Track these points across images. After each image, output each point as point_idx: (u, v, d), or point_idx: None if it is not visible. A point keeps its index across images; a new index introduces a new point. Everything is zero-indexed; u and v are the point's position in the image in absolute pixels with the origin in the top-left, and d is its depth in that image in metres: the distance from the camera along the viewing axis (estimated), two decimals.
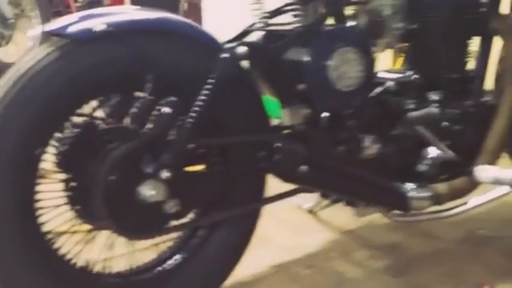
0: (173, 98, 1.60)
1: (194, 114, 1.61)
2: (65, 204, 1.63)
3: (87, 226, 1.69)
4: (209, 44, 1.68)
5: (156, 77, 1.59)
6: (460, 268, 1.97)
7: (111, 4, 5.18)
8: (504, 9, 2.08)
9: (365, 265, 2.00)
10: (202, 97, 1.62)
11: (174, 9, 4.45)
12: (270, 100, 1.80)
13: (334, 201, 1.98)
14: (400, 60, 2.08)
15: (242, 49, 1.66)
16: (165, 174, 1.59)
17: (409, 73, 1.98)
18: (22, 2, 4.23)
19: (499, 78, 2.08)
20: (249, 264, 1.88)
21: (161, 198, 1.60)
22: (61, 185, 1.63)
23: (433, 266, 1.98)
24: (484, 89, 2.03)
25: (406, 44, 1.99)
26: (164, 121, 1.60)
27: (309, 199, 2.26)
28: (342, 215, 2.22)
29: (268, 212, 2.02)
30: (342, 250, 2.10)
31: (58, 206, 1.63)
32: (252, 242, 1.84)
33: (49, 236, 1.61)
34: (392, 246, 2.12)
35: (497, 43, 2.05)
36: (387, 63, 2.32)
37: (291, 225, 2.28)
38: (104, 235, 1.69)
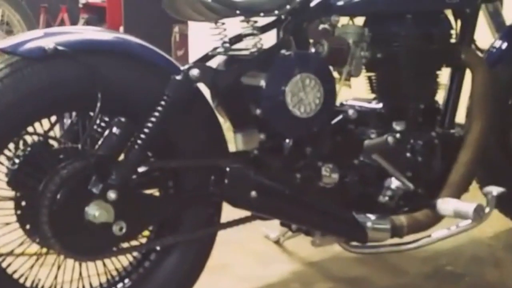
0: (122, 119, 1.59)
1: (144, 136, 1.60)
2: (15, 222, 1.61)
3: (35, 248, 1.67)
4: (164, 66, 1.67)
5: (107, 97, 1.58)
6: None
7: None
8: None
9: None
10: (153, 119, 1.61)
11: (167, 40, 4.48)
12: None
13: (295, 231, 1.95)
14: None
15: (195, 72, 1.65)
16: (112, 195, 1.57)
17: (374, 102, 1.97)
18: (11, 23, 4.27)
19: (469, 111, 2.05)
20: None
21: (108, 220, 1.57)
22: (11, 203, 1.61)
23: None
24: (455, 121, 2.01)
25: (372, 73, 1.98)
26: (113, 142, 1.58)
27: (276, 228, 2.22)
28: (309, 246, 2.18)
29: (233, 241, 2.00)
30: (303, 282, 2.05)
31: (7, 224, 1.61)
32: (212, 270, 1.81)
33: None
34: (356, 279, 2.07)
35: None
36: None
37: (255, 254, 2.24)
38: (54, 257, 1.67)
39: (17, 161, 1.58)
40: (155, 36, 4.25)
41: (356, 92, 2.01)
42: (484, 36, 2.23)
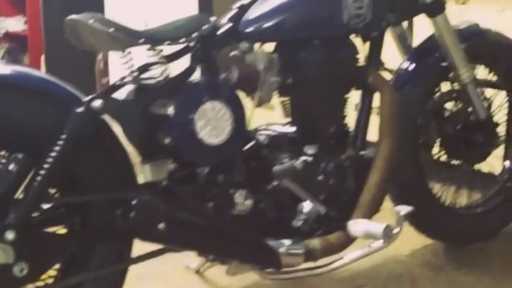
0: (20, 155, 1.53)
1: (44, 172, 1.54)
2: None
3: None
4: (65, 98, 1.62)
5: (3, 132, 1.52)
6: None
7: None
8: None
9: None
10: (55, 154, 1.55)
11: (92, 68, 4.41)
12: None
13: (212, 260, 1.92)
14: None
15: (98, 103, 1.61)
16: (11, 235, 1.50)
17: (287, 126, 1.96)
18: None
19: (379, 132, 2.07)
20: None
21: (7, 261, 1.51)
22: None
23: None
24: (365, 142, 2.02)
25: (284, 98, 1.97)
26: (10, 179, 1.53)
27: (196, 258, 2.18)
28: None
29: (154, 274, 1.94)
30: None
31: None
32: None
33: None
34: None
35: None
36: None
37: (176, 287, 2.19)
38: None
39: None
40: (79, 64, 4.20)
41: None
42: (395, 58, 2.27)
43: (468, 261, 2.30)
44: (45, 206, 1.61)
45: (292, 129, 1.95)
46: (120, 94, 1.76)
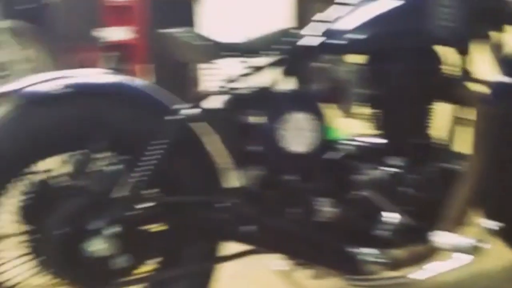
0: (124, 157, 1.67)
1: (140, 174, 1.66)
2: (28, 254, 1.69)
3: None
4: (158, 106, 1.74)
5: (105, 137, 1.65)
6: None
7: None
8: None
9: None
10: (149, 157, 1.67)
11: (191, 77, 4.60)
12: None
13: (297, 264, 1.98)
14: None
15: (191, 111, 1.72)
16: (116, 230, 1.64)
17: (371, 137, 2.00)
18: (40, 62, 4.41)
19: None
20: None
21: (107, 254, 1.64)
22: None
23: None
24: (453, 155, 2.03)
25: (370, 110, 2.01)
26: (111, 179, 1.66)
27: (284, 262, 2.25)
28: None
29: (241, 274, 2.02)
30: None
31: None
32: None
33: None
34: None
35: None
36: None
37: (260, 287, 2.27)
38: None
39: (27, 197, 1.68)
40: (182, 73, 4.39)
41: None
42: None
43: None
44: (145, 205, 1.73)
45: (378, 140, 1.98)
46: (213, 103, 1.86)
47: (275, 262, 2.26)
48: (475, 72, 2.09)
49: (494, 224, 1.86)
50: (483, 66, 2.18)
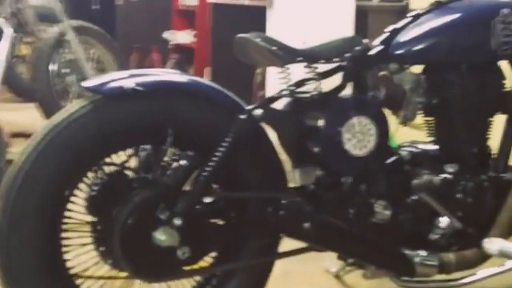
0: (190, 153, 1.77)
1: (209, 169, 1.77)
2: (91, 244, 1.81)
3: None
4: (230, 106, 1.85)
5: (177, 132, 1.76)
6: None
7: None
8: None
9: None
10: (219, 154, 1.78)
11: (250, 81, 4.70)
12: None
13: (349, 264, 2.07)
14: None
15: (259, 112, 1.82)
16: (177, 221, 1.74)
17: (428, 145, 2.07)
18: (103, 62, 4.58)
19: None
20: None
21: (173, 244, 1.75)
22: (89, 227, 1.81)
23: None
24: (507, 166, 2.09)
25: (428, 118, 2.09)
26: (180, 173, 1.77)
27: (336, 262, 2.33)
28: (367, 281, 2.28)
29: (294, 272, 2.10)
30: None
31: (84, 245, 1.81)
32: None
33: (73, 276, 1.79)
34: None
35: None
36: None
37: (313, 286, 2.36)
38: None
39: (95, 188, 1.78)
40: (239, 77, 4.52)
41: None
42: None
43: None
44: (208, 199, 1.84)
45: (435, 147, 2.06)
46: (277, 105, 1.96)
47: (329, 263, 2.37)
48: None
49: None
50: None
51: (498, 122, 2.12)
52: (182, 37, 5.94)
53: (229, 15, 5.04)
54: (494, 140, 2.11)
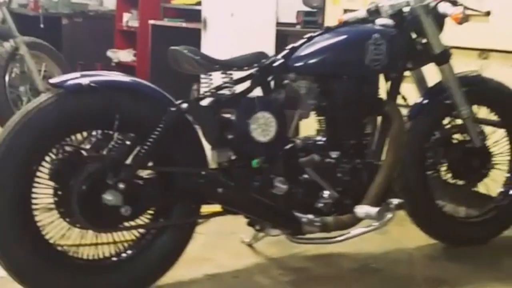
0: (132, 135, 2.33)
1: (146, 148, 2.33)
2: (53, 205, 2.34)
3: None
4: (163, 100, 2.41)
5: (121, 119, 2.31)
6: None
7: None
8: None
9: (279, 280, 2.64)
10: (153, 137, 2.33)
11: (187, 94, 5.26)
12: None
13: (257, 230, 2.65)
14: None
15: (185, 105, 2.39)
16: (121, 185, 2.29)
17: (318, 136, 2.68)
18: (52, 74, 5.06)
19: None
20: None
21: (118, 203, 2.29)
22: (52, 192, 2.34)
23: (326, 284, 2.63)
24: (378, 154, 2.71)
25: (318, 116, 2.69)
26: (124, 150, 2.32)
27: (249, 235, 2.89)
28: (272, 247, 2.86)
29: (214, 243, 2.71)
30: (263, 269, 2.73)
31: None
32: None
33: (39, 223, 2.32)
34: (301, 268, 2.77)
35: None
36: None
37: (229, 251, 2.92)
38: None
39: (56, 163, 2.31)
40: (174, 93, 5.05)
41: None
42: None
43: (459, 253, 2.94)
44: (145, 172, 2.39)
45: (323, 138, 2.66)
46: (202, 103, 2.53)
47: (243, 235, 2.93)
48: (403, 95, 2.79)
49: (394, 201, 2.54)
50: (409, 92, 2.88)
51: None
52: (124, 55, 6.47)
53: (168, 36, 5.57)
54: None
